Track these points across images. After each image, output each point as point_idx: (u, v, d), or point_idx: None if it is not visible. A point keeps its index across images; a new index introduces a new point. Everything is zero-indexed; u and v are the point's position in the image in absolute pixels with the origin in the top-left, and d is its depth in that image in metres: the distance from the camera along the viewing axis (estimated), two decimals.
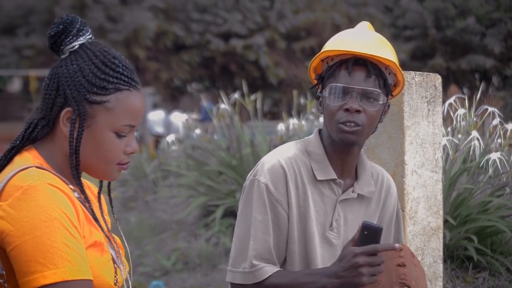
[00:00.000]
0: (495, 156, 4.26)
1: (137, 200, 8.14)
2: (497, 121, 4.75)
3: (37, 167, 1.64)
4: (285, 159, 2.24)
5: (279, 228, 2.22)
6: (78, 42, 1.68)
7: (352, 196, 2.27)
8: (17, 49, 20.84)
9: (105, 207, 1.87)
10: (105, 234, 1.72)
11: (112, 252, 1.71)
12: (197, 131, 8.29)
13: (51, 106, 1.68)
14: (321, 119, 2.32)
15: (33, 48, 20.23)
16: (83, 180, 1.80)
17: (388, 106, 2.27)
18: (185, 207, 6.91)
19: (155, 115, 17.99)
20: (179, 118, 14.85)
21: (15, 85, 26.69)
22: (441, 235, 3.17)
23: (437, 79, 3.15)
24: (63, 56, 1.69)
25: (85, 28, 1.70)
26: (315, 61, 2.27)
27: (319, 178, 2.24)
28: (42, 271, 1.53)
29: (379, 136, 3.03)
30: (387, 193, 2.36)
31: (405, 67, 2.74)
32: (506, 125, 4.74)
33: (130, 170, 8.14)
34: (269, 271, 2.16)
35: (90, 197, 1.82)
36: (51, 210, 1.56)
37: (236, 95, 7.84)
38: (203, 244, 6.01)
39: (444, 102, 4.30)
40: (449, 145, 4.26)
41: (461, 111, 4.58)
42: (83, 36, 1.69)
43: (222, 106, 7.55)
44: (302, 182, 2.24)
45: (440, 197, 3.15)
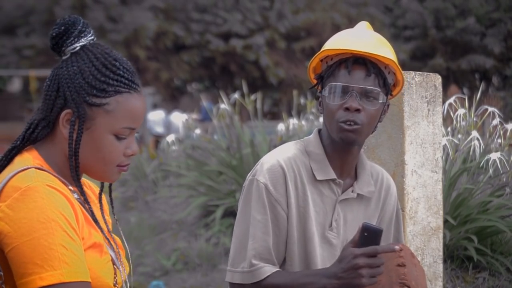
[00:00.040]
0: (495, 156, 4.26)
1: (137, 200, 8.14)
2: (497, 121, 4.75)
3: (36, 168, 1.64)
4: (284, 159, 2.24)
5: (279, 228, 2.22)
6: (80, 44, 1.68)
7: (352, 196, 2.27)
8: (17, 49, 20.84)
9: (106, 207, 1.87)
10: (105, 235, 1.72)
11: (111, 253, 1.71)
12: (197, 131, 8.28)
13: (51, 107, 1.68)
14: (321, 119, 2.31)
15: (33, 48, 20.23)
16: (84, 180, 1.80)
17: (388, 105, 2.27)
18: (185, 207, 6.91)
19: (155, 115, 17.99)
20: (179, 118, 14.85)
21: (15, 85, 26.70)
22: (441, 235, 3.17)
23: (437, 79, 3.15)
24: (64, 57, 1.69)
25: (87, 30, 1.69)
26: (314, 61, 2.27)
27: (318, 178, 2.24)
28: (39, 272, 1.53)
29: (379, 136, 3.03)
30: (386, 193, 2.36)
31: (405, 67, 2.74)
32: (506, 125, 4.74)
33: (130, 170, 8.12)
34: (268, 270, 2.16)
35: (91, 197, 1.82)
36: (49, 212, 1.56)
37: (236, 95, 7.84)
38: (203, 244, 6.01)
39: (444, 102, 4.30)
40: (449, 145, 4.26)
41: (461, 111, 4.58)
42: (85, 38, 1.69)
43: (222, 106, 7.55)
44: (302, 182, 2.24)
45: (440, 197, 3.15)
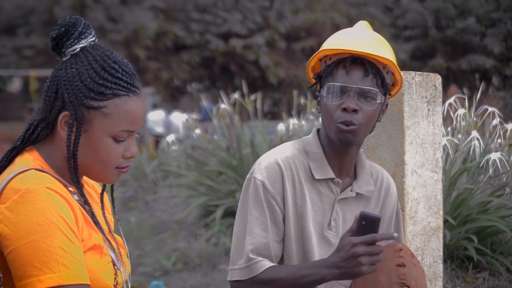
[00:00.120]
0: (495, 156, 4.26)
1: (137, 200, 8.14)
2: (497, 121, 4.75)
3: (37, 170, 1.64)
4: (282, 158, 2.25)
5: (277, 226, 2.21)
6: (80, 45, 1.67)
7: (351, 195, 2.27)
8: (17, 49, 20.83)
9: (108, 206, 1.87)
10: (105, 236, 1.72)
11: (112, 254, 1.71)
12: (197, 131, 8.28)
13: (50, 109, 1.68)
14: (320, 119, 2.32)
15: (33, 48, 20.23)
16: (86, 179, 1.80)
17: (386, 105, 2.27)
18: (185, 207, 6.91)
19: (155, 115, 17.99)
20: (179, 118, 14.85)
21: (15, 85, 26.69)
22: (441, 235, 3.17)
23: (437, 79, 3.14)
24: (64, 59, 1.68)
25: (87, 31, 1.68)
26: (313, 60, 2.27)
27: (317, 177, 2.24)
28: (38, 275, 1.53)
29: (379, 136, 3.03)
30: (386, 192, 2.36)
31: (405, 67, 2.75)
32: (506, 125, 4.74)
33: (130, 170, 8.08)
34: (265, 264, 2.15)
35: (92, 196, 1.81)
36: (48, 214, 1.56)
37: (236, 95, 7.83)
38: (203, 244, 6.00)
39: (444, 102, 4.30)
40: (449, 145, 4.26)
41: (461, 111, 4.58)
42: (85, 39, 1.68)
43: (222, 106, 7.55)
44: (299, 181, 2.24)
45: (440, 197, 3.15)
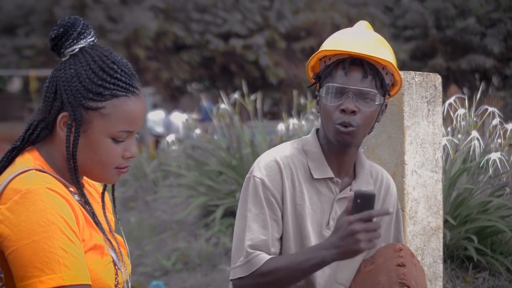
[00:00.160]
0: (495, 156, 4.25)
1: (137, 200, 8.14)
2: (497, 121, 4.75)
3: (37, 170, 1.64)
4: (281, 157, 2.25)
5: (277, 223, 2.21)
6: (79, 46, 1.67)
7: (350, 195, 2.27)
8: (17, 49, 20.82)
9: (108, 205, 1.87)
10: (106, 236, 1.72)
11: (112, 254, 1.71)
12: (197, 131, 8.27)
13: (50, 109, 1.68)
14: (320, 119, 2.33)
15: (33, 48, 20.22)
16: (86, 178, 1.80)
17: (386, 105, 2.27)
18: (185, 207, 6.90)
19: (155, 115, 18.00)
20: (179, 118, 14.85)
21: (15, 85, 26.69)
22: (441, 235, 3.17)
23: (437, 79, 3.14)
24: (63, 59, 1.68)
25: (86, 31, 1.68)
26: (312, 60, 2.27)
27: (316, 176, 2.24)
28: (39, 276, 1.53)
29: (379, 136, 3.03)
30: (386, 192, 2.36)
31: (405, 67, 2.75)
32: (506, 125, 4.74)
33: (130, 170, 8.08)
34: (265, 257, 2.15)
35: (93, 196, 1.81)
36: (49, 215, 1.56)
37: (236, 95, 7.83)
38: (203, 244, 6.00)
39: (444, 102, 4.29)
40: (449, 145, 4.26)
41: (461, 111, 4.58)
42: (84, 39, 1.68)
43: (222, 106, 7.54)
44: (299, 181, 2.24)
45: (440, 197, 3.15)
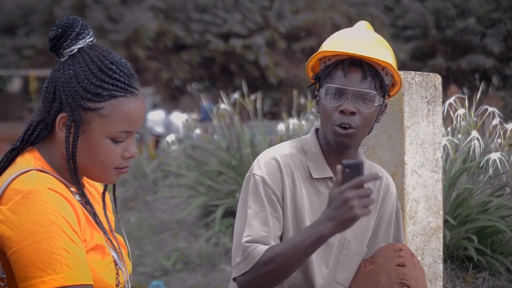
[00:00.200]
0: (495, 156, 4.25)
1: (137, 200, 8.14)
2: (497, 121, 4.75)
3: (38, 170, 1.64)
4: (280, 156, 2.25)
5: (278, 220, 2.20)
6: (77, 46, 1.67)
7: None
8: (17, 49, 20.83)
9: (109, 204, 1.87)
10: (107, 236, 1.72)
11: (113, 254, 1.71)
12: (197, 131, 8.27)
13: (49, 110, 1.68)
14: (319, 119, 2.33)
15: (33, 48, 20.23)
16: (86, 179, 1.80)
17: (385, 106, 2.27)
18: (185, 207, 6.91)
19: (155, 115, 18.00)
20: (179, 118, 14.85)
21: (15, 85, 26.69)
22: (441, 235, 3.17)
23: (437, 79, 3.14)
24: (62, 59, 1.68)
25: (85, 32, 1.68)
26: (312, 60, 2.27)
27: (315, 176, 2.24)
28: (41, 276, 1.53)
29: (379, 136, 3.03)
30: (386, 192, 2.36)
31: (405, 67, 2.75)
32: (506, 125, 4.74)
33: (130, 170, 8.07)
34: (263, 248, 2.13)
35: (93, 195, 1.81)
36: (50, 215, 1.56)
37: (236, 95, 7.83)
38: (203, 244, 6.00)
39: (444, 102, 4.30)
40: (449, 145, 4.26)
41: (461, 111, 4.58)
42: (83, 40, 1.67)
43: (222, 106, 7.54)
44: (298, 180, 2.24)
45: (440, 197, 3.15)
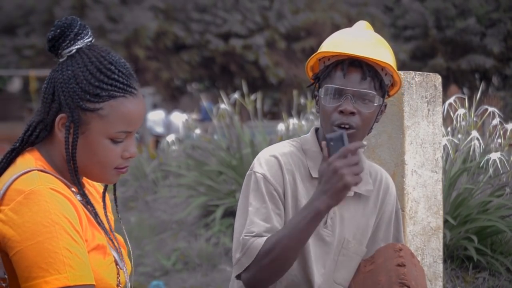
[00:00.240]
0: (495, 156, 4.25)
1: (137, 200, 8.14)
2: (497, 121, 4.75)
3: (39, 170, 1.64)
4: (280, 154, 2.25)
5: (280, 217, 2.20)
6: (76, 47, 1.67)
7: (349, 194, 2.27)
8: (17, 49, 20.83)
9: (108, 204, 1.87)
10: (109, 236, 1.72)
11: (114, 254, 1.71)
12: (197, 131, 8.27)
13: (48, 111, 1.68)
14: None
15: (33, 48, 20.22)
16: (86, 179, 1.80)
17: (385, 106, 2.27)
18: (185, 207, 6.91)
19: (155, 115, 18.00)
20: (179, 118, 14.85)
21: (15, 85, 26.69)
22: (441, 235, 3.17)
23: (437, 79, 3.14)
24: (61, 60, 1.68)
25: (84, 32, 1.68)
26: (312, 60, 2.27)
27: (314, 175, 2.24)
28: (44, 276, 1.53)
29: (379, 136, 3.03)
30: (385, 192, 2.36)
31: (405, 67, 2.75)
32: (506, 125, 4.74)
33: (130, 170, 8.09)
34: (261, 240, 2.12)
35: (93, 195, 1.81)
36: (53, 215, 1.56)
37: (236, 95, 7.83)
38: (203, 244, 6.00)
39: (444, 102, 4.29)
40: (449, 145, 4.26)
41: (461, 111, 4.57)
42: (81, 40, 1.67)
43: (222, 106, 7.54)
44: (298, 178, 2.24)
45: (440, 197, 3.15)
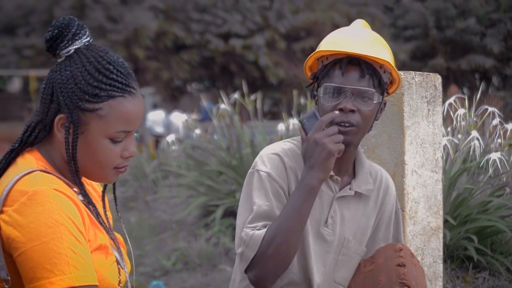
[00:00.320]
0: (495, 156, 4.25)
1: (137, 200, 8.14)
2: (497, 121, 4.74)
3: (41, 171, 1.64)
4: (282, 152, 2.25)
5: None
6: (74, 47, 1.67)
7: (349, 194, 2.27)
8: (17, 49, 20.83)
9: (107, 203, 1.87)
10: (110, 236, 1.72)
11: (116, 254, 1.72)
12: (197, 131, 8.27)
13: (47, 111, 1.68)
14: None
15: (33, 48, 20.23)
16: (84, 178, 1.80)
17: (384, 104, 2.27)
18: (185, 207, 6.91)
19: (155, 115, 18.01)
20: (179, 118, 14.85)
21: (15, 85, 26.69)
22: (441, 235, 3.17)
23: (437, 79, 3.14)
24: (59, 60, 1.68)
25: (81, 32, 1.68)
26: (310, 60, 2.27)
27: None
28: (48, 277, 1.53)
29: (379, 136, 3.03)
30: (385, 192, 2.36)
31: (405, 67, 2.75)
32: (506, 125, 4.73)
33: (130, 170, 8.14)
34: (262, 231, 2.12)
35: (92, 194, 1.82)
36: (57, 216, 1.57)
37: (236, 95, 7.83)
38: (203, 244, 6.00)
39: (444, 102, 4.29)
40: (449, 145, 4.26)
41: (461, 111, 4.57)
42: (79, 40, 1.67)
43: (222, 106, 7.54)
44: (299, 175, 2.23)
45: (440, 197, 3.15)
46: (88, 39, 1.68)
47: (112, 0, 20.16)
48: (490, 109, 4.79)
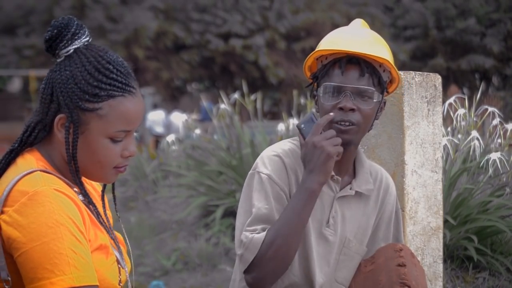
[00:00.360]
0: (495, 156, 4.25)
1: (137, 200, 8.14)
2: (497, 121, 4.74)
3: (41, 171, 1.64)
4: (281, 152, 2.25)
5: None
6: (73, 47, 1.66)
7: (350, 193, 2.27)
8: (17, 49, 20.83)
9: (106, 203, 1.87)
10: (111, 236, 1.72)
11: (116, 254, 1.72)
12: (197, 131, 8.28)
13: (47, 111, 1.67)
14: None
15: (33, 48, 20.23)
16: (84, 178, 1.80)
17: (384, 102, 2.27)
18: (185, 207, 6.91)
19: (155, 115, 18.01)
20: (179, 118, 14.85)
21: (15, 85, 26.69)
22: (441, 235, 3.17)
23: (437, 79, 3.14)
24: (58, 60, 1.68)
25: (81, 31, 1.68)
26: (309, 60, 2.27)
27: None
28: (49, 277, 1.53)
29: (379, 136, 3.03)
30: (385, 192, 2.36)
31: (405, 67, 2.75)
32: (506, 125, 4.73)
33: (130, 170, 8.14)
34: (261, 234, 2.11)
35: (92, 194, 1.82)
36: (57, 216, 1.57)
37: (236, 95, 7.83)
38: (203, 244, 6.00)
39: (444, 102, 4.29)
40: (449, 145, 4.26)
41: (461, 111, 4.57)
42: (79, 40, 1.67)
43: (222, 106, 7.54)
44: (300, 177, 2.23)
45: (440, 197, 3.15)
46: (87, 38, 1.68)
47: (112, 0, 20.15)
48: (490, 109, 4.79)
